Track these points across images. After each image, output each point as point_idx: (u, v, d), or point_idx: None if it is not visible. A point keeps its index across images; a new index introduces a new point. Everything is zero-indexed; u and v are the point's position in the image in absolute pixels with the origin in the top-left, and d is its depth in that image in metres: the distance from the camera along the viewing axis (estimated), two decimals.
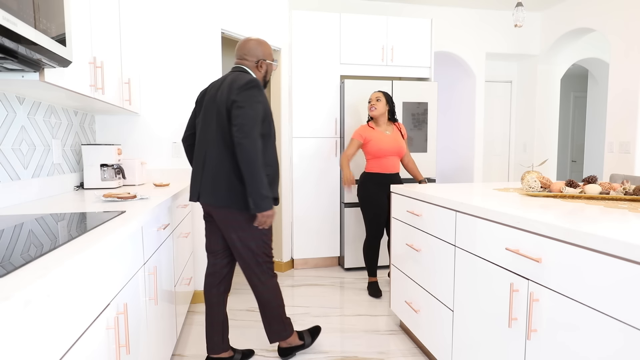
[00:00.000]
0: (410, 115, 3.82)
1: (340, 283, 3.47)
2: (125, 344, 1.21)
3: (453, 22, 4.74)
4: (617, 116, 3.94)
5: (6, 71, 1.40)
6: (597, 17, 4.15)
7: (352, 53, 3.83)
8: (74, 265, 0.90)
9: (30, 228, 1.22)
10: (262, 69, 2.06)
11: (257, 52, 2.04)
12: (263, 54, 2.05)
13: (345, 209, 3.75)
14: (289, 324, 2.18)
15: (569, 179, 3.21)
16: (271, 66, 2.10)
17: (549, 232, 1.22)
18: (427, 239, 2.07)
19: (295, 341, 2.23)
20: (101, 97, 2.06)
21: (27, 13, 1.14)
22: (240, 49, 2.05)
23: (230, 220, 1.94)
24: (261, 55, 2.05)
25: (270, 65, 2.10)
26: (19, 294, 0.67)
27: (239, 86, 1.86)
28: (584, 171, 5.94)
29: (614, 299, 1.03)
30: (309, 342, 2.29)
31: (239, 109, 1.82)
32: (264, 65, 2.06)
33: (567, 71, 6.00)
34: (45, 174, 2.13)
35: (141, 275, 1.50)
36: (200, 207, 3.04)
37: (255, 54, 2.04)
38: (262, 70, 2.06)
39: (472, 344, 1.68)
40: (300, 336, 2.27)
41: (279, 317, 2.12)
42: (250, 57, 2.04)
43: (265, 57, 2.06)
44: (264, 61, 2.05)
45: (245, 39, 2.08)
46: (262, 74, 2.07)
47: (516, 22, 3.25)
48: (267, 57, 2.07)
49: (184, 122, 2.99)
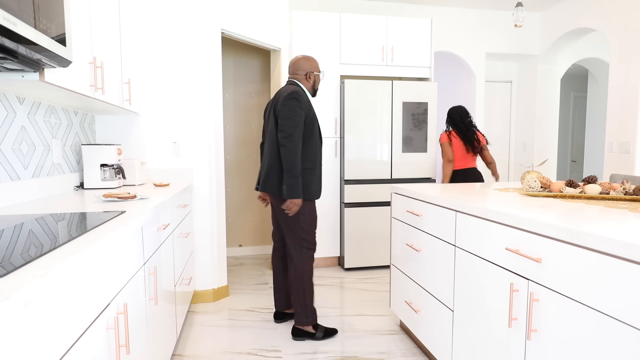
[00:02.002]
0: (410, 115, 3.82)
1: (340, 283, 3.47)
2: (125, 344, 1.21)
3: (453, 22, 4.74)
4: (617, 116, 3.94)
5: (6, 71, 1.40)
6: (597, 17, 4.15)
7: (352, 53, 3.83)
8: (74, 265, 0.90)
9: (30, 228, 1.22)
10: (310, 79, 2.49)
11: (305, 66, 2.47)
12: (310, 67, 2.48)
13: (346, 209, 3.75)
14: (312, 313, 2.45)
15: (569, 179, 3.21)
16: (318, 77, 2.52)
17: (549, 232, 1.22)
18: (427, 239, 2.07)
19: (309, 328, 2.45)
20: (101, 97, 2.06)
21: (27, 13, 1.14)
22: (292, 66, 2.50)
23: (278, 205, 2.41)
24: (308, 68, 2.48)
25: (317, 76, 2.51)
26: (19, 294, 0.67)
27: (283, 98, 2.32)
28: (584, 171, 5.94)
29: (614, 299, 1.03)
30: (319, 336, 2.44)
31: (281, 117, 2.29)
32: (311, 76, 2.49)
33: (567, 71, 6.00)
34: (45, 174, 2.13)
35: (141, 275, 1.50)
36: (200, 208, 3.05)
37: (304, 68, 2.47)
38: (311, 80, 2.49)
39: (472, 344, 1.68)
40: (316, 327, 2.46)
41: (303, 302, 2.42)
42: (300, 72, 2.47)
43: (312, 69, 2.48)
44: (311, 73, 2.48)
45: (295, 57, 2.53)
46: (310, 84, 2.49)
47: (516, 22, 3.25)
48: (314, 69, 2.49)
49: (184, 122, 3.00)
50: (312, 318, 2.45)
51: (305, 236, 2.41)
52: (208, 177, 3.05)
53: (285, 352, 2.32)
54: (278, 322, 2.70)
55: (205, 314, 2.86)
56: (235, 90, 4.31)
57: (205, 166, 3.03)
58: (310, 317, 2.44)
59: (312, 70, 2.48)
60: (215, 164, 3.08)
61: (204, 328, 2.62)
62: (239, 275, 3.70)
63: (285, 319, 2.71)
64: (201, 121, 3.01)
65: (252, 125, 4.36)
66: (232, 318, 2.77)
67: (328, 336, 2.46)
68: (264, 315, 2.82)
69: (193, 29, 2.96)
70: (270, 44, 3.57)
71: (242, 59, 4.30)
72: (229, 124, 4.30)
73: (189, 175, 3.02)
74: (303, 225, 2.40)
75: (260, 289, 3.34)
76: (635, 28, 3.74)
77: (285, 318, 2.71)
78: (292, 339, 2.46)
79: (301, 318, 2.43)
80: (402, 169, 3.85)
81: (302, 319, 2.43)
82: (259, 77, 4.37)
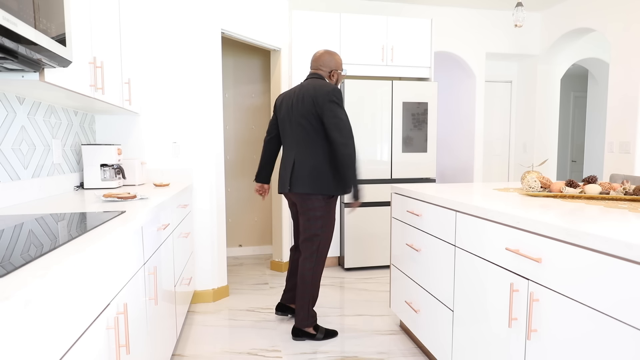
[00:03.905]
0: (410, 115, 3.82)
1: (340, 283, 3.47)
2: (125, 344, 1.21)
3: (453, 22, 4.74)
4: (617, 116, 3.94)
5: (6, 71, 1.40)
6: (597, 18, 4.15)
7: (352, 53, 3.83)
8: (74, 265, 0.90)
9: (30, 228, 1.22)
10: (334, 77, 2.40)
11: (330, 63, 2.38)
12: (335, 65, 2.39)
13: (346, 209, 3.75)
14: (313, 316, 2.44)
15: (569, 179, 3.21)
16: (341, 75, 2.43)
17: (549, 232, 1.22)
18: (427, 239, 2.07)
19: (310, 329, 2.44)
20: (101, 97, 2.06)
21: (27, 13, 1.14)
22: (316, 61, 2.40)
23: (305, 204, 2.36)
24: (334, 66, 2.39)
25: (340, 74, 2.43)
26: (19, 294, 0.67)
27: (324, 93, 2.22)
28: (584, 171, 5.94)
29: (614, 299, 1.03)
30: (319, 337, 2.44)
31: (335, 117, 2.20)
32: (335, 74, 2.40)
33: (567, 71, 6.00)
34: (45, 174, 2.13)
35: (141, 275, 1.50)
36: (200, 208, 3.05)
37: (329, 65, 2.37)
38: (334, 79, 2.41)
39: (472, 344, 1.68)
40: (316, 328, 2.45)
41: (306, 305, 2.41)
42: (324, 68, 2.38)
43: (336, 67, 2.40)
44: (335, 71, 2.39)
45: (319, 52, 2.42)
46: (333, 82, 2.40)
47: (516, 22, 3.25)
48: (338, 67, 2.41)
49: (184, 122, 2.99)
50: (311, 320, 2.46)
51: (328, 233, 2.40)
52: (208, 177, 3.05)
53: (285, 352, 2.32)
54: (279, 314, 2.72)
55: (205, 314, 2.86)
56: (235, 90, 4.31)
57: (205, 166, 3.04)
58: (310, 319, 2.45)
59: (337, 68, 2.39)
60: (215, 164, 3.08)
61: (204, 328, 2.62)
62: (239, 275, 3.70)
63: (287, 312, 2.71)
64: (201, 121, 3.01)
65: (252, 125, 4.36)
66: (232, 318, 2.77)
67: (328, 337, 2.47)
68: (264, 315, 2.82)
69: (193, 29, 2.96)
70: (271, 44, 3.57)
71: (242, 59, 4.30)
72: (229, 124, 4.31)
73: (189, 175, 3.02)
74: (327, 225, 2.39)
75: (260, 289, 3.34)
76: (635, 28, 3.75)
77: (286, 311, 2.71)
78: (292, 338, 2.47)
79: (302, 320, 2.44)
80: (402, 169, 3.85)
81: (303, 321, 2.44)
82: (259, 77, 4.37)
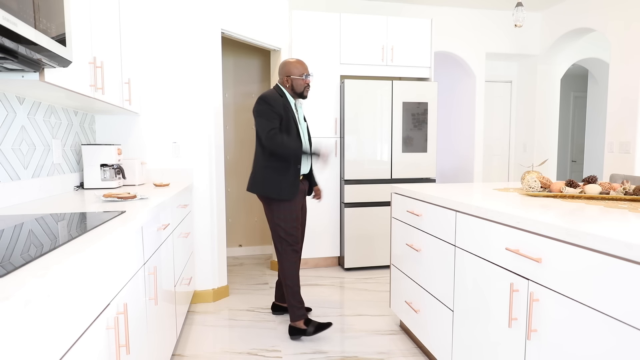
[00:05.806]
0: (410, 115, 3.82)
1: (340, 283, 3.47)
2: (125, 344, 1.21)
3: (453, 22, 4.74)
4: (617, 116, 3.94)
5: (6, 71, 1.40)
6: (597, 18, 4.15)
7: (352, 53, 3.83)
8: (74, 265, 0.90)
9: (30, 228, 1.22)
10: (287, 83, 2.53)
11: (282, 70, 2.55)
12: (286, 72, 2.53)
13: (345, 209, 3.75)
14: (299, 309, 2.48)
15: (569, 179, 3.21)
16: (296, 80, 2.52)
17: (549, 232, 1.22)
18: (427, 239, 2.07)
19: (300, 325, 2.47)
20: (101, 97, 2.06)
21: (27, 13, 1.14)
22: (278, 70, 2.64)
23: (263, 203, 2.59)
24: (285, 72, 2.54)
25: (295, 80, 2.52)
26: (19, 294, 0.67)
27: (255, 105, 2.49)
28: (584, 171, 5.94)
29: (614, 299, 1.03)
30: (310, 330, 2.45)
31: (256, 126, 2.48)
32: (289, 80, 2.53)
33: (567, 71, 6.00)
34: (45, 174, 2.13)
35: (141, 275, 1.50)
36: (200, 208, 3.05)
37: (282, 72, 2.55)
38: (288, 84, 2.53)
39: (472, 344, 1.68)
40: (307, 323, 2.47)
41: (290, 301, 2.48)
42: (280, 75, 2.57)
43: (287, 73, 2.53)
44: (288, 77, 2.53)
45: None
46: (289, 87, 2.54)
47: (516, 22, 3.25)
48: (289, 73, 2.53)
49: (184, 122, 3.00)
50: (298, 314, 2.47)
51: (282, 233, 2.49)
52: (208, 177, 3.05)
53: (285, 352, 2.32)
54: (276, 314, 2.83)
55: (205, 314, 2.86)
56: (235, 90, 4.31)
57: (205, 166, 3.03)
58: (297, 312, 2.47)
59: (288, 74, 2.53)
60: (215, 164, 3.08)
61: (204, 328, 2.62)
62: (239, 275, 3.70)
63: (281, 312, 2.83)
64: (201, 121, 3.01)
65: (252, 125, 4.35)
66: (232, 318, 2.77)
67: (320, 330, 2.44)
68: (264, 315, 2.82)
69: (193, 29, 2.96)
70: (270, 44, 3.57)
71: (242, 59, 4.30)
72: (229, 124, 4.30)
73: (189, 175, 3.02)
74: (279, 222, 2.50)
75: (260, 289, 3.34)
76: (635, 28, 3.75)
77: (280, 310, 2.83)
78: (290, 338, 2.48)
79: (291, 314, 2.49)
80: (402, 169, 3.85)
81: (292, 316, 2.48)
82: (259, 77, 4.37)
